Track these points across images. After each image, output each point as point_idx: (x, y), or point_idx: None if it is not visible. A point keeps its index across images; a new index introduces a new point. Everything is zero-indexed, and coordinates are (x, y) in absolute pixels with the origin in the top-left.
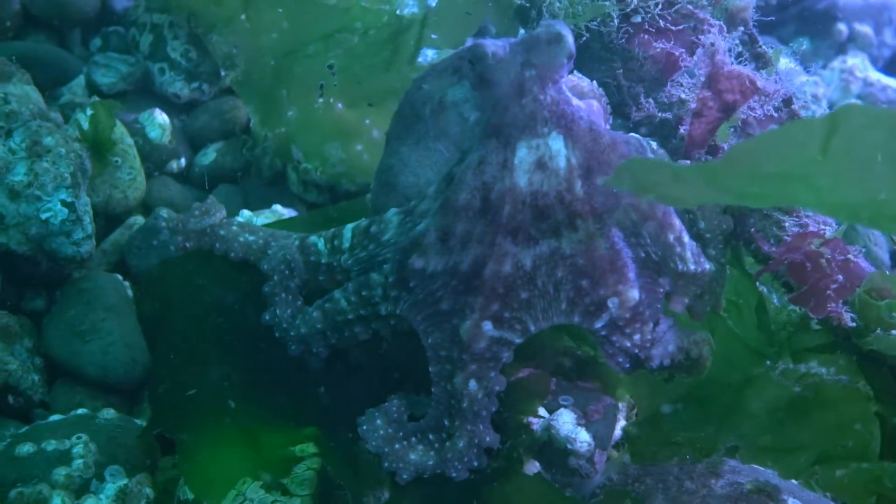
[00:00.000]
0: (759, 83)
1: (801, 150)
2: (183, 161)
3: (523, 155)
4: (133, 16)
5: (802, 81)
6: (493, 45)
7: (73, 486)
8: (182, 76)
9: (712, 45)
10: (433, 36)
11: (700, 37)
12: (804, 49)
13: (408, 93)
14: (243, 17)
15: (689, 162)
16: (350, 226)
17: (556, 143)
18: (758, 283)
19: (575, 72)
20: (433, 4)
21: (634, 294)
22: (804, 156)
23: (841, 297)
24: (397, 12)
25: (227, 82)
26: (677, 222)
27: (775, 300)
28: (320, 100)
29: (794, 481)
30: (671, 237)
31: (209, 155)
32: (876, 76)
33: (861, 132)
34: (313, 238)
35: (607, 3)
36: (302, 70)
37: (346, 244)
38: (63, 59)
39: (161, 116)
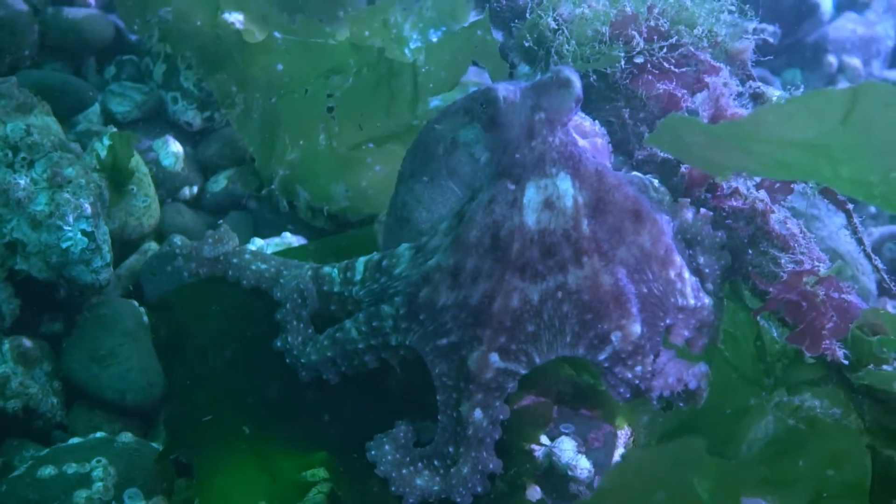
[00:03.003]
0: None
1: (821, 119)
2: (195, 188)
3: (532, 194)
4: (147, 45)
5: None
6: (505, 90)
7: None
8: (194, 105)
9: (724, 85)
10: (430, 85)
11: (706, 77)
12: (798, 84)
13: (421, 132)
14: (238, 58)
15: (689, 200)
16: (363, 259)
17: (564, 184)
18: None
19: (579, 112)
20: (434, 40)
21: (637, 328)
22: (824, 126)
23: (835, 337)
24: (405, 49)
25: (229, 120)
26: (678, 259)
27: (774, 332)
28: (322, 142)
29: None
30: (672, 273)
31: (220, 182)
32: None
33: (880, 108)
34: (327, 269)
35: (615, 51)
36: (300, 111)
37: (359, 276)
38: (79, 87)
39: (174, 145)
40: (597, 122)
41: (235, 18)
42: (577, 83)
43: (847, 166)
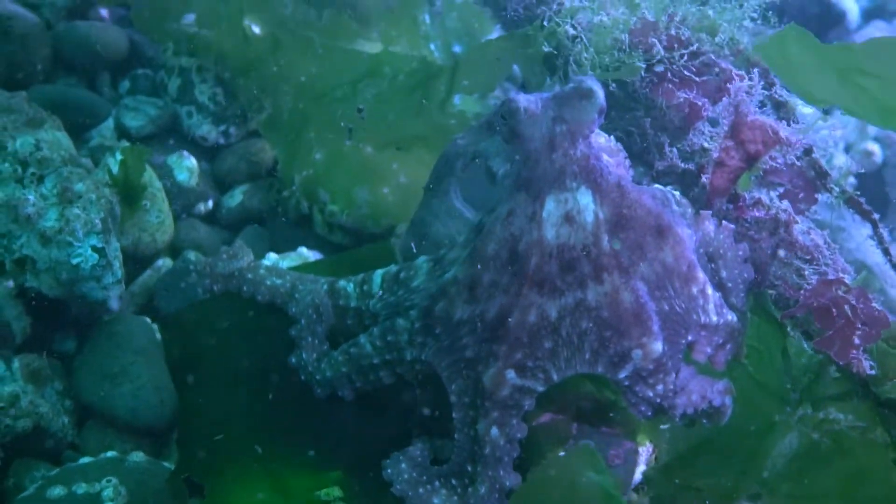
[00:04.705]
0: (782, 133)
1: None
2: (210, 203)
3: (552, 208)
4: (161, 59)
5: (820, 125)
6: (526, 101)
7: None
8: (209, 119)
9: (748, 92)
10: (464, 83)
11: (727, 84)
12: None
13: (445, 149)
14: (271, 60)
15: (710, 212)
16: (380, 271)
17: (585, 198)
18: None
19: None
20: (458, 51)
21: (658, 346)
22: None
23: (865, 343)
24: (429, 57)
25: (254, 125)
26: (701, 275)
27: (805, 345)
28: (348, 142)
29: None
30: (695, 290)
31: (236, 197)
32: None
33: None
34: (343, 283)
35: (635, 60)
36: (330, 113)
37: (376, 289)
38: (93, 102)
39: (189, 159)
40: (612, 137)
41: (254, 26)
42: (600, 94)
43: None
